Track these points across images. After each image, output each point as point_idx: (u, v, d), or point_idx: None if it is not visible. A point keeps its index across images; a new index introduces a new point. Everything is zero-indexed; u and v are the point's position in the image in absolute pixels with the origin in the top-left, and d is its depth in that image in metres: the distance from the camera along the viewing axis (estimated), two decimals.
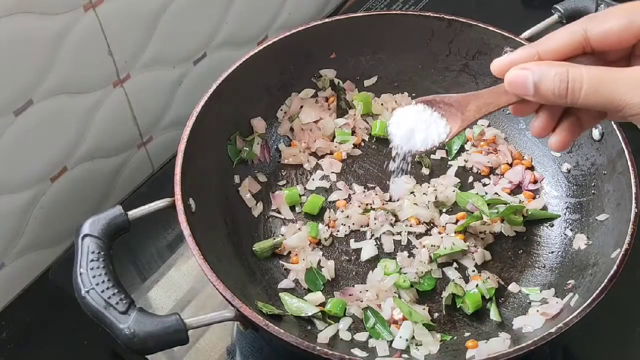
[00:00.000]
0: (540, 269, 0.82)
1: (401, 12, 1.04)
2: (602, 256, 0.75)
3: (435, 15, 0.91)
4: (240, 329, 0.70)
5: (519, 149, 0.93)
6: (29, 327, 0.85)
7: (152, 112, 0.98)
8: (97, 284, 0.65)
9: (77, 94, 0.85)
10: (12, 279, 0.88)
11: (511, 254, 0.84)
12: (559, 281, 0.79)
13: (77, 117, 0.87)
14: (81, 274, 0.66)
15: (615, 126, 0.79)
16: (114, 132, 0.93)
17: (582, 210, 0.84)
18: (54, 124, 0.84)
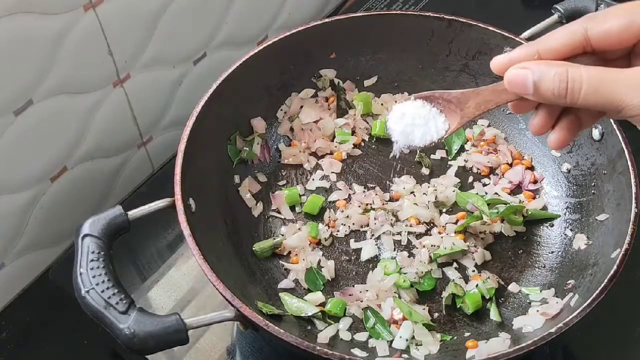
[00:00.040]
0: (540, 269, 0.82)
1: (401, 12, 1.04)
2: (602, 256, 0.75)
3: (435, 15, 0.91)
4: (240, 329, 0.70)
5: (519, 149, 0.93)
6: (29, 327, 0.85)
7: (152, 112, 0.98)
8: (97, 284, 0.65)
9: (77, 94, 0.85)
10: (12, 279, 0.88)
11: (511, 254, 0.84)
12: (559, 281, 0.79)
13: (77, 117, 0.87)
14: (81, 274, 0.66)
15: (615, 126, 0.79)
16: (114, 132, 0.93)
17: (582, 210, 0.84)
18: (54, 124, 0.84)
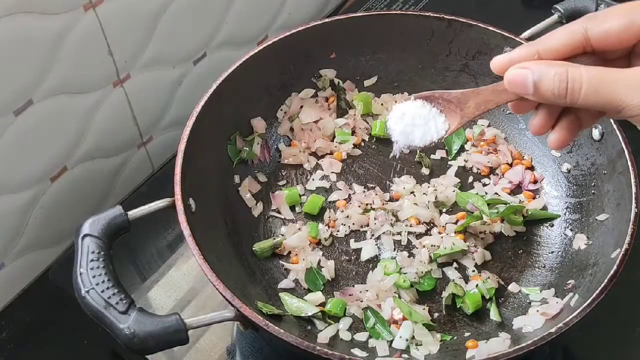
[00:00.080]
0: (540, 269, 0.82)
1: (401, 12, 1.04)
2: (602, 256, 0.75)
3: (435, 15, 0.91)
4: (240, 329, 0.70)
5: (519, 149, 0.93)
6: (29, 327, 0.85)
7: (152, 112, 0.98)
8: (97, 284, 0.65)
9: (77, 94, 0.85)
10: (12, 279, 0.88)
11: (511, 254, 0.84)
12: (559, 281, 0.79)
13: (77, 117, 0.87)
14: (81, 274, 0.66)
15: (615, 126, 0.79)
16: (114, 132, 0.93)
17: (582, 210, 0.84)
18: (54, 124, 0.84)
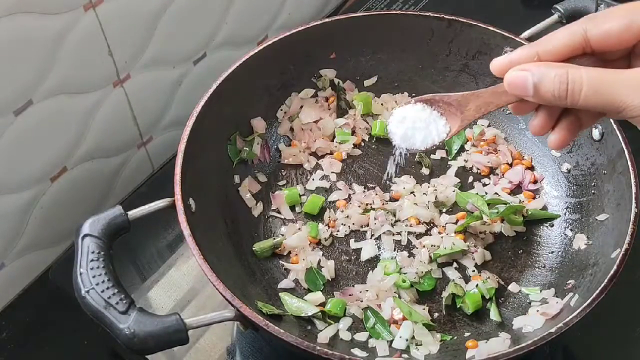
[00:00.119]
0: (540, 269, 0.82)
1: (401, 12, 1.04)
2: (602, 256, 0.75)
3: (435, 15, 0.91)
4: (240, 329, 0.70)
5: (519, 149, 0.93)
6: (29, 327, 0.85)
7: (152, 112, 0.98)
8: (97, 284, 0.65)
9: (77, 94, 0.85)
10: (12, 279, 0.88)
11: (511, 254, 0.84)
12: (559, 281, 0.79)
13: (77, 117, 0.87)
14: (81, 274, 0.66)
15: (615, 126, 0.79)
16: (114, 132, 0.93)
17: (582, 210, 0.84)
18: (54, 124, 0.84)
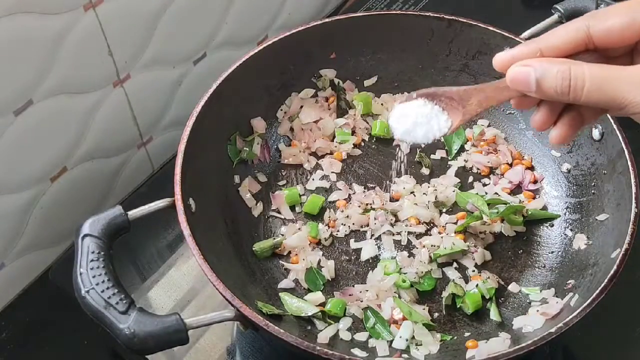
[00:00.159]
0: (540, 269, 0.82)
1: (401, 12, 1.04)
2: (602, 256, 0.75)
3: (435, 15, 0.91)
4: (240, 329, 0.70)
5: (519, 149, 0.93)
6: (29, 327, 0.85)
7: (152, 112, 0.98)
8: (97, 284, 0.65)
9: (77, 94, 0.85)
10: (12, 279, 0.88)
11: (511, 254, 0.84)
12: (559, 281, 0.79)
13: (77, 117, 0.87)
14: (81, 274, 0.66)
15: (615, 126, 0.79)
16: (114, 132, 0.93)
17: (582, 210, 0.84)
18: (54, 124, 0.84)
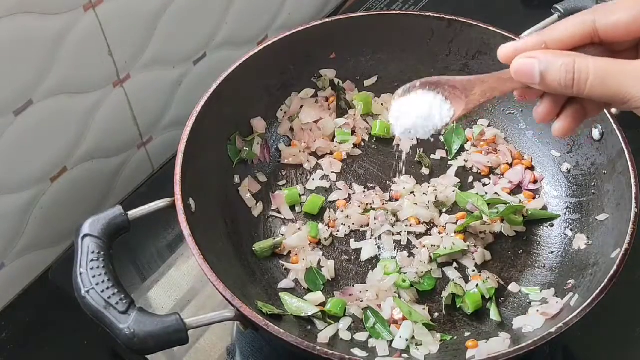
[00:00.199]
0: (540, 269, 0.82)
1: (401, 12, 1.04)
2: (602, 256, 0.75)
3: (435, 15, 0.91)
4: (240, 329, 0.70)
5: (519, 149, 0.93)
6: (29, 327, 0.85)
7: (152, 112, 0.98)
8: (97, 284, 0.65)
9: (77, 94, 0.85)
10: (12, 279, 0.88)
11: (511, 254, 0.84)
12: (559, 281, 0.79)
13: (77, 117, 0.87)
14: (81, 274, 0.66)
15: (615, 126, 0.79)
16: (114, 132, 0.93)
17: (582, 210, 0.84)
18: (54, 124, 0.84)
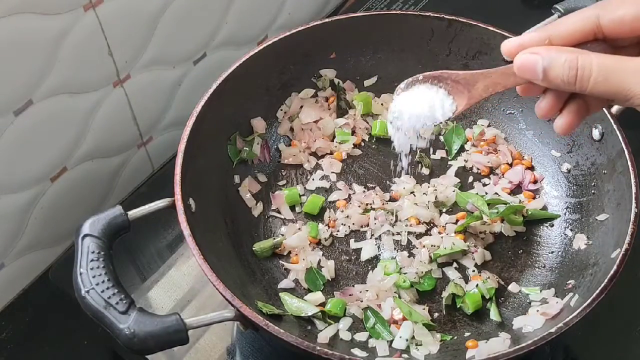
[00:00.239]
0: (540, 269, 0.82)
1: (401, 12, 1.04)
2: (602, 256, 0.75)
3: (435, 15, 0.91)
4: (240, 329, 0.70)
5: (519, 149, 0.93)
6: (29, 327, 0.85)
7: (152, 112, 0.98)
8: (97, 284, 0.65)
9: (77, 94, 0.85)
10: (12, 279, 0.88)
11: (511, 254, 0.84)
12: (559, 281, 0.79)
13: (77, 117, 0.87)
14: (81, 274, 0.66)
15: (615, 126, 0.79)
16: (114, 132, 0.93)
17: (582, 210, 0.84)
18: (54, 124, 0.84)
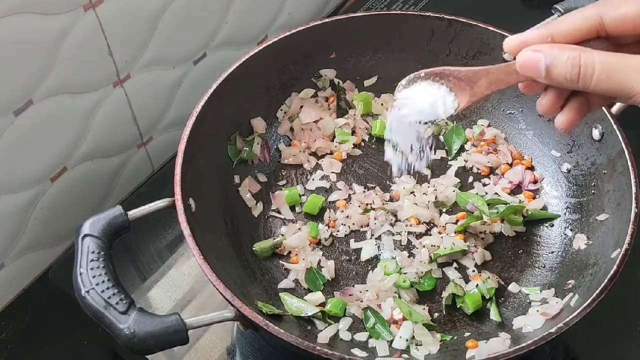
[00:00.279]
0: (540, 269, 0.82)
1: (401, 12, 1.04)
2: (602, 256, 0.75)
3: (435, 15, 0.91)
4: (240, 329, 0.70)
5: (519, 149, 0.93)
6: (29, 327, 0.85)
7: (152, 112, 0.98)
8: (97, 284, 0.65)
9: (77, 94, 0.85)
10: (12, 279, 0.88)
11: (511, 254, 0.84)
12: (559, 281, 0.79)
13: (77, 117, 0.87)
14: (81, 274, 0.66)
15: (615, 126, 0.79)
16: (114, 132, 0.93)
17: (582, 210, 0.84)
18: (54, 124, 0.84)
